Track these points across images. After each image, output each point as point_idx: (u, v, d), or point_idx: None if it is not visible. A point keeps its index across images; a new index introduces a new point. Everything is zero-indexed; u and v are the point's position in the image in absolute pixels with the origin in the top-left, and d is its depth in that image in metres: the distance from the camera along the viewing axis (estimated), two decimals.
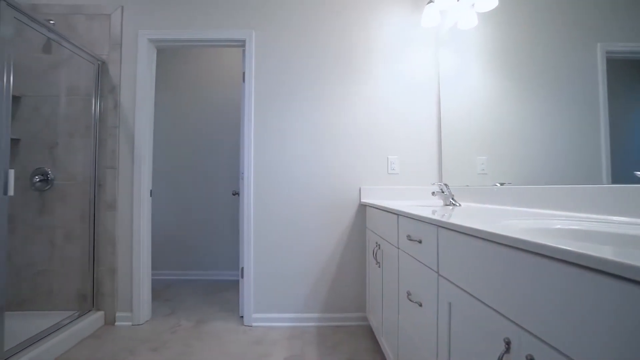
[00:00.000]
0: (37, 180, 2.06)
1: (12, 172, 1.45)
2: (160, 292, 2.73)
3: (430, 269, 0.97)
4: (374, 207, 1.80)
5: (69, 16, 2.16)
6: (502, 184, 1.46)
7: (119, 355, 1.72)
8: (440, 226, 0.90)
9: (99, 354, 1.74)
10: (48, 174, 2.06)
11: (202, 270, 3.14)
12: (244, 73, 2.18)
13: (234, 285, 2.93)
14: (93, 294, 2.06)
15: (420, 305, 1.05)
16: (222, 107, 3.21)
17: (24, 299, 2.06)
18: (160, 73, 3.07)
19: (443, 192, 1.62)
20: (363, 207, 2.12)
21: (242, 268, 2.13)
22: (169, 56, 3.24)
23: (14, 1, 1.52)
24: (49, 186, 2.07)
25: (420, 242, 1.06)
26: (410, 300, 1.13)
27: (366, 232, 2.05)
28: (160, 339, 1.91)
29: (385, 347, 1.52)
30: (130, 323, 2.08)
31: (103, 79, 2.12)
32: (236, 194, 2.65)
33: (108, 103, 2.11)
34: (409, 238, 1.14)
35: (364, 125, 2.13)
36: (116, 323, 2.08)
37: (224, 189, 3.17)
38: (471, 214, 1.07)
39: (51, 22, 2.03)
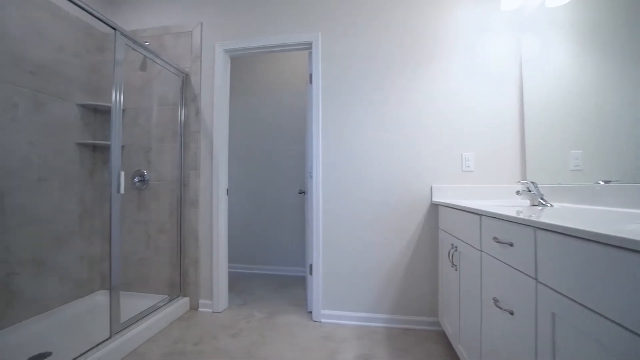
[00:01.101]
0: (137, 180, 2.38)
1: (122, 174, 1.70)
2: (234, 284, 2.95)
3: (526, 274, 0.88)
4: (449, 207, 1.70)
5: (159, 37, 2.46)
6: (606, 182, 1.27)
7: (204, 339, 1.91)
8: (539, 228, 0.82)
9: (187, 335, 1.95)
10: (144, 174, 2.37)
11: (270, 265, 3.31)
12: (310, 75, 2.24)
13: (299, 281, 3.04)
14: (180, 282, 2.32)
15: (512, 313, 0.96)
16: (289, 109, 3.34)
17: (128, 282, 2.40)
18: (232, 80, 3.33)
19: (530, 190, 1.46)
20: (434, 207, 2.02)
21: (311, 265, 2.20)
22: (239, 64, 3.48)
23: (125, 31, 1.79)
24: (145, 186, 2.38)
25: (511, 245, 0.97)
26: (499, 307, 1.04)
27: (439, 233, 1.96)
28: (238, 326, 2.06)
29: (464, 355, 1.43)
30: (210, 310, 2.28)
31: (186, 89, 2.36)
32: (302, 192, 2.74)
33: (190, 110, 2.35)
34: (497, 240, 1.06)
35: (435, 121, 2.04)
36: (199, 309, 2.31)
37: (290, 188, 3.30)
38: (573, 216, 0.95)
39: (146, 43, 2.32)
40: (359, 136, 2.12)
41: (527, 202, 1.64)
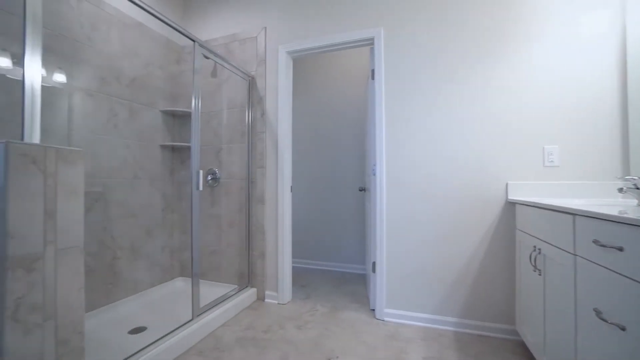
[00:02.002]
0: (210, 178, 2.59)
1: (201, 172, 1.87)
2: (295, 277, 3.06)
3: None
4: (530, 206, 1.55)
5: (227, 44, 2.64)
6: None
7: (272, 328, 2.01)
8: None
9: (257, 323, 2.08)
10: (216, 173, 2.58)
11: (329, 261, 3.37)
12: (372, 70, 2.21)
13: (358, 278, 3.04)
14: (248, 274, 2.47)
15: (623, 329, 0.85)
16: (348, 106, 3.36)
17: (202, 271, 2.63)
18: (293, 80, 3.44)
19: (638, 188, 1.27)
20: (510, 205, 1.86)
21: (374, 263, 2.18)
22: (299, 64, 3.58)
23: (202, 42, 1.96)
24: (216, 183, 2.58)
25: (620, 249, 0.85)
26: (603, 320, 0.92)
27: (516, 234, 1.80)
28: (302, 319, 2.14)
29: None
30: (276, 301, 2.40)
31: (253, 92, 2.51)
32: (363, 190, 2.73)
33: (257, 112, 2.48)
34: (599, 244, 0.94)
35: (511, 112, 1.87)
36: (265, 300, 2.44)
37: (350, 186, 3.31)
38: None
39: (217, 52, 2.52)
40: (424, 131, 2.04)
41: (634, 202, 1.42)
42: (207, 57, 2.09)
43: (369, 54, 3.16)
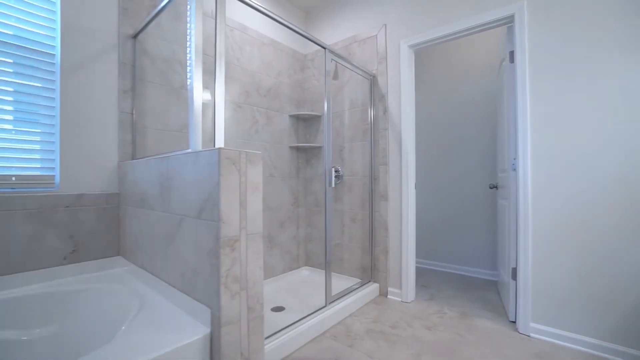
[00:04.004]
0: (334, 176, 2.76)
1: (333, 170, 2.01)
2: (416, 277, 2.98)
3: None
4: None
5: (347, 46, 2.75)
6: None
7: (399, 324, 2.01)
8: None
9: (382, 317, 2.11)
10: (339, 170, 2.73)
11: (451, 263, 3.16)
12: (511, 52, 1.96)
13: (486, 284, 2.75)
14: (371, 269, 2.53)
15: None
16: (472, 96, 3.07)
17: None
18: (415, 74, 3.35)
19: None
20: None
21: (514, 269, 1.94)
22: (419, 56, 3.46)
23: (332, 48, 2.10)
24: (340, 181, 2.73)
25: None
26: None
27: None
28: (430, 320, 2.07)
29: None
30: (399, 299, 2.39)
31: (374, 90, 2.54)
32: (494, 187, 2.45)
33: (379, 110, 2.51)
34: None
35: None
36: (388, 296, 2.46)
37: (478, 182, 3.03)
38: None
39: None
40: (585, 118, 1.68)
41: None
42: (336, 62, 2.22)
43: (498, 37, 2.81)
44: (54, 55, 1.65)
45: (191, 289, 1.15)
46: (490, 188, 2.52)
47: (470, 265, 3.04)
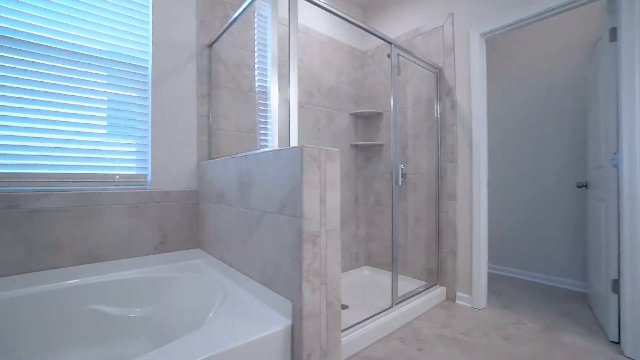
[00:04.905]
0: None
1: (400, 167, 1.95)
2: (488, 282, 2.77)
3: None
4: None
5: (410, 40, 2.65)
6: None
7: (472, 332, 1.88)
8: None
9: (452, 323, 1.99)
10: (402, 169, 2.64)
11: (528, 270, 2.87)
12: (612, 29, 1.71)
13: (574, 296, 2.45)
14: (437, 271, 2.41)
15: None
16: (554, 86, 2.76)
17: (389, 263, 2.77)
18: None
19: None
20: None
21: (615, 280, 1.69)
22: (490, 46, 3.22)
23: (398, 43, 2.04)
24: (403, 179, 2.65)
25: None
26: None
27: None
28: (508, 330, 1.90)
29: None
30: (469, 305, 2.24)
31: (441, 84, 2.42)
32: (583, 186, 2.17)
33: (446, 104, 2.38)
34: None
35: None
36: (456, 301, 2.31)
37: (563, 181, 2.71)
38: None
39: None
40: None
41: None
42: (402, 56, 2.16)
43: (586, 16, 2.49)
44: (146, 67, 1.86)
45: (271, 282, 1.20)
46: (579, 187, 2.24)
47: (551, 274, 2.73)
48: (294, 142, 1.31)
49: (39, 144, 1.52)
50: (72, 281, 1.54)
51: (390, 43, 2.02)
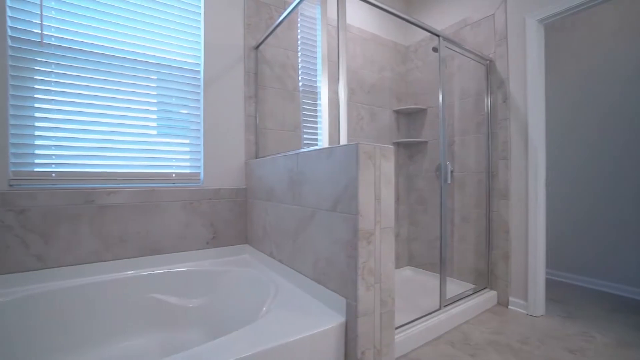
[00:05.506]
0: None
1: (449, 165, 1.88)
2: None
3: None
4: None
5: (456, 32, 2.54)
6: None
7: (530, 341, 1.76)
8: None
9: (506, 330, 1.88)
10: (448, 167, 2.54)
11: (592, 277, 2.63)
12: None
13: None
14: (488, 274, 2.29)
15: None
16: (623, 77, 2.49)
17: (432, 263, 2.68)
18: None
19: None
20: None
21: None
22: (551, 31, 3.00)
23: (446, 36, 1.97)
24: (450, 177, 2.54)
25: None
26: None
27: None
28: (572, 342, 1.75)
29: None
30: (524, 311, 2.10)
31: (491, 77, 2.28)
32: None
33: (497, 98, 2.25)
34: None
35: None
36: (509, 306, 2.18)
37: (631, 179, 2.45)
38: None
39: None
40: None
41: None
42: (448, 48, 2.07)
43: None
44: (199, 71, 1.96)
45: (324, 278, 1.22)
46: None
47: (623, 283, 2.47)
48: (343, 140, 1.32)
49: (108, 145, 1.67)
50: (135, 271, 1.67)
51: (438, 36, 1.95)
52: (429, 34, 2.74)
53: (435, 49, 2.57)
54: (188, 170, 1.94)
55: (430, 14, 2.79)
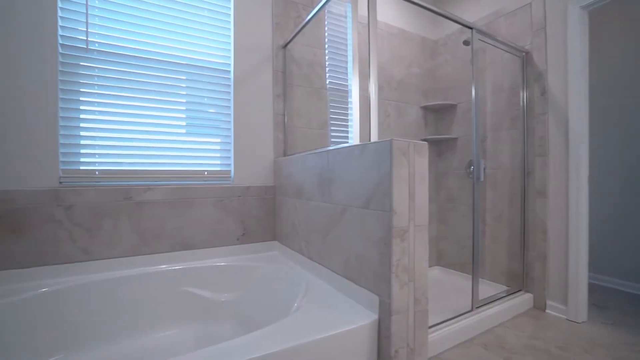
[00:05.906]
0: (472, 169, 2.50)
1: (482, 162, 1.81)
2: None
3: None
4: None
5: (489, 24, 2.44)
6: None
7: (572, 348, 1.67)
8: None
9: (544, 335, 1.79)
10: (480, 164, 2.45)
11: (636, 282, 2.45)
12: None
13: None
14: (523, 276, 2.19)
15: None
16: None
17: (463, 263, 2.60)
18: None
19: None
20: None
21: None
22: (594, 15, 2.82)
23: (479, 28, 1.90)
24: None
25: None
26: None
27: None
28: (621, 352, 1.63)
29: None
30: (564, 317, 1.99)
31: (527, 69, 2.17)
32: None
33: (534, 92, 2.14)
34: None
35: None
36: (546, 310, 2.08)
37: None
38: None
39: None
40: None
41: None
42: (481, 40, 2.00)
43: None
44: (229, 71, 2.01)
45: (356, 276, 1.21)
46: None
47: None
48: (374, 137, 1.30)
49: (144, 144, 1.75)
50: (169, 265, 1.74)
51: (470, 28, 1.88)
52: (458, 27, 2.66)
53: (466, 42, 2.49)
54: (219, 168, 1.99)
55: (461, 7, 2.70)
